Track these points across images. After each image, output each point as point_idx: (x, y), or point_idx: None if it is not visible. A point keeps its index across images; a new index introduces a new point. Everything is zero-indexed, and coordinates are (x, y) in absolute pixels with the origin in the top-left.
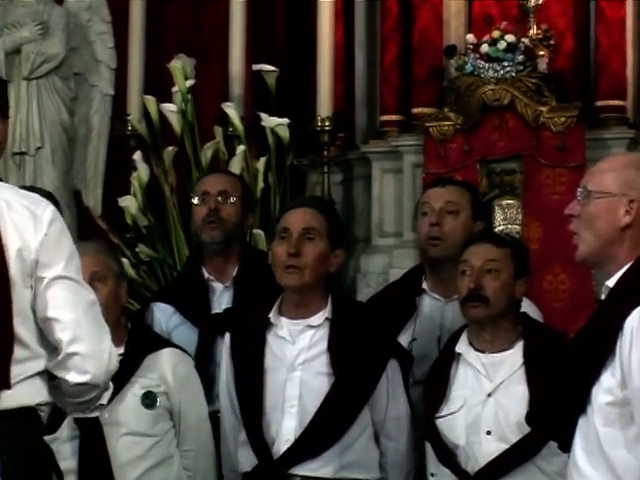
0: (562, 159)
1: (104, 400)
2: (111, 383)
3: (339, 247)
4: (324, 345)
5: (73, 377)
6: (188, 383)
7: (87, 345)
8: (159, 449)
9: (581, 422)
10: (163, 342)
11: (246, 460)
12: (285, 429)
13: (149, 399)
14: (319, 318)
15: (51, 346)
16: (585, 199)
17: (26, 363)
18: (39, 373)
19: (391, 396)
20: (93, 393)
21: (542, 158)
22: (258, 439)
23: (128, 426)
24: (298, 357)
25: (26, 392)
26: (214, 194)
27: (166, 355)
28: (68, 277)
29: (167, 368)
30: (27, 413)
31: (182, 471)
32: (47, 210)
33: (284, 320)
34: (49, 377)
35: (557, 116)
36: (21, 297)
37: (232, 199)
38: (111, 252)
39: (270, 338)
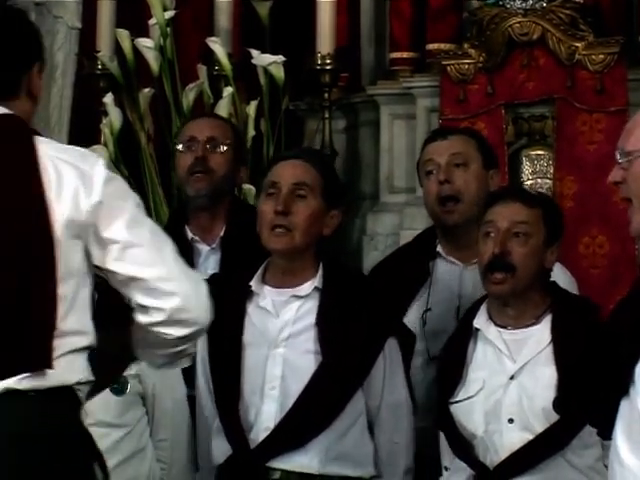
0: (600, 103)
1: (194, 348)
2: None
3: (336, 207)
4: (312, 319)
5: (178, 331)
6: None
7: (189, 295)
8: (129, 441)
9: (623, 405)
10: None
11: (220, 450)
12: (264, 414)
13: (118, 384)
14: (307, 288)
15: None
16: (626, 162)
17: (67, 336)
18: (81, 349)
19: (388, 380)
20: (196, 338)
21: (577, 102)
22: (233, 425)
23: (93, 415)
24: (282, 332)
25: (64, 369)
26: (202, 141)
27: None
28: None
29: None
30: (64, 393)
31: (155, 464)
32: (97, 166)
33: (267, 289)
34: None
35: (595, 53)
36: (68, 258)
37: (222, 147)
38: None
39: (251, 309)
